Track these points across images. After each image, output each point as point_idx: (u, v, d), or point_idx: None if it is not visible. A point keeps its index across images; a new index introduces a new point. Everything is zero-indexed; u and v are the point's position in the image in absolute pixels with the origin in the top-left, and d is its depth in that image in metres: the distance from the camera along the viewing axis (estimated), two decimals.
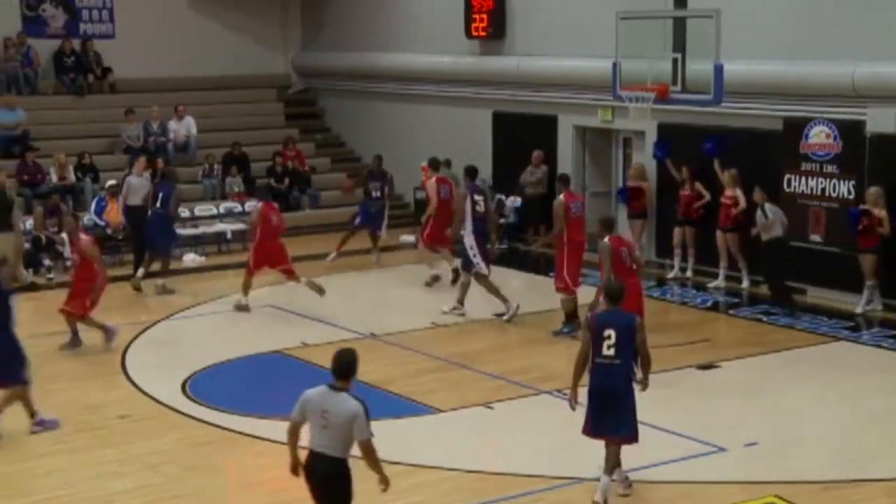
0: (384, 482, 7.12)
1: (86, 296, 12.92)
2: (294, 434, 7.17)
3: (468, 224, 14.07)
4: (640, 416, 10.32)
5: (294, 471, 7.17)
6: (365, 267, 17.51)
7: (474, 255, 13.97)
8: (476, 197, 14.23)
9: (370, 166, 18.66)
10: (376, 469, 7.06)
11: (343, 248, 17.48)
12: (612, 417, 8.52)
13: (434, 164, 16.74)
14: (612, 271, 11.24)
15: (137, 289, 15.93)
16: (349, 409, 6.89)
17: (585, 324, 8.74)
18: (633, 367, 8.77)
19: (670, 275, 16.68)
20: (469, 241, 14.05)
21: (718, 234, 15.81)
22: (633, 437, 8.67)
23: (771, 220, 14.37)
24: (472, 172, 14.78)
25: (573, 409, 8.71)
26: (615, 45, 14.61)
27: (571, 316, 13.20)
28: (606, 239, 11.43)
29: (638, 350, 8.61)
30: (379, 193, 17.83)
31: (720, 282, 15.95)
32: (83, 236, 13.31)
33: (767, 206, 14.49)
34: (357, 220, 17.74)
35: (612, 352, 8.42)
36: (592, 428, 8.64)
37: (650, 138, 17.27)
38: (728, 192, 15.63)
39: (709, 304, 15.28)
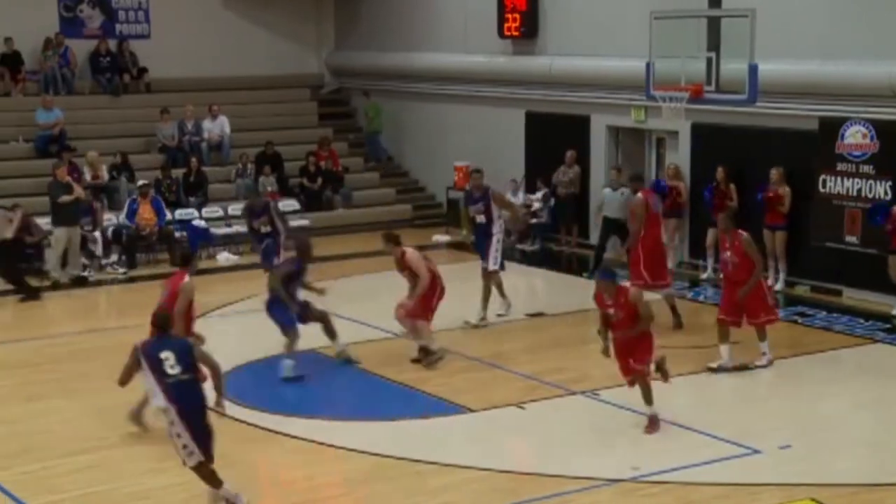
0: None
1: None
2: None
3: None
4: (674, 417, 10.38)
5: None
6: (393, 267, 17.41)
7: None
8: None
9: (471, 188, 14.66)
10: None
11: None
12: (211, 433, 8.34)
13: None
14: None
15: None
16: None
17: (134, 353, 8.43)
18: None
19: (703, 276, 16.58)
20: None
21: (766, 233, 15.63)
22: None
23: None
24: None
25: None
26: (649, 45, 14.55)
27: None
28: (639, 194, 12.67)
29: (202, 364, 8.35)
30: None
31: (769, 282, 15.77)
32: None
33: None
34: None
35: (177, 370, 8.20)
36: (206, 451, 8.33)
37: (683, 138, 17.18)
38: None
39: None
